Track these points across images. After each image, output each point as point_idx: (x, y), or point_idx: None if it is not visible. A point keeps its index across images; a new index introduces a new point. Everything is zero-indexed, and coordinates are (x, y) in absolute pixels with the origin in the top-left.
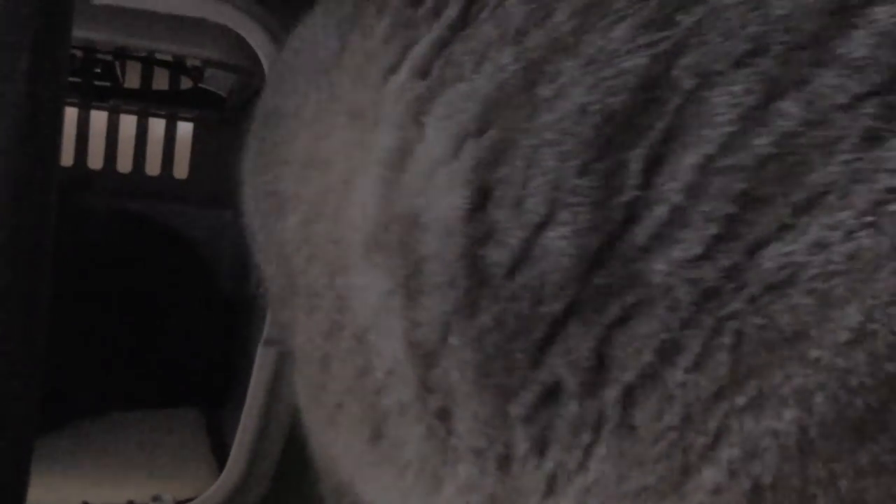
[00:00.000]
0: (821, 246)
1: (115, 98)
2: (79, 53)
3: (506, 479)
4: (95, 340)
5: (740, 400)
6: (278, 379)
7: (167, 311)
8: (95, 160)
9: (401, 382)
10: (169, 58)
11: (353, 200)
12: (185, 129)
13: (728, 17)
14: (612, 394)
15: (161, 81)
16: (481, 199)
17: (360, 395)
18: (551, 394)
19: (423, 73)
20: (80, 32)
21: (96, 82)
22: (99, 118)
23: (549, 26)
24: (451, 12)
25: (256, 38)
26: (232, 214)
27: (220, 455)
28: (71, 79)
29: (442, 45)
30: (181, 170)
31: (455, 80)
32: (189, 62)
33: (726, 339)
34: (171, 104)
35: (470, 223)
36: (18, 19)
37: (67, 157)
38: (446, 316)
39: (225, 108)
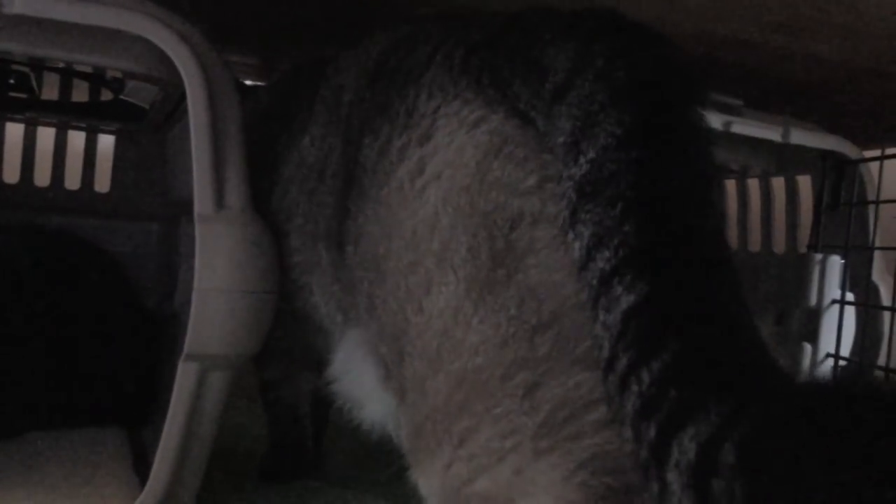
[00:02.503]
0: None
1: (32, 110)
2: None
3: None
4: (13, 360)
5: None
6: (200, 394)
7: (89, 328)
8: (11, 174)
9: None
10: (88, 69)
11: None
12: (106, 141)
13: None
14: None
15: (81, 93)
16: None
17: None
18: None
19: None
20: None
21: (11, 94)
22: (15, 131)
23: None
24: None
25: (176, 51)
26: (157, 228)
27: (142, 473)
28: None
29: None
30: (103, 183)
31: None
32: (109, 74)
33: None
34: (92, 116)
35: None
36: None
37: None
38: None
39: (147, 120)
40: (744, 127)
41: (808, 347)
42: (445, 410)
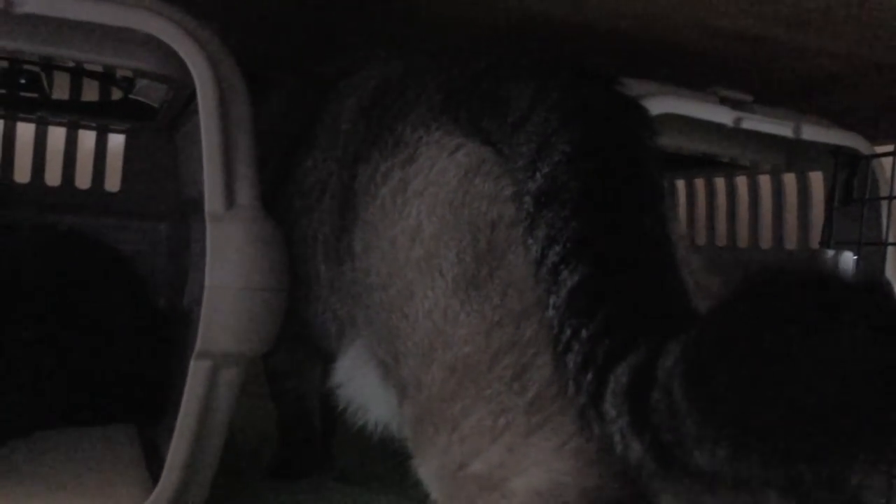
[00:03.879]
0: None
1: (43, 109)
2: (3, 64)
3: None
4: (25, 359)
5: None
6: (212, 391)
7: (100, 326)
8: (22, 173)
9: None
10: (99, 68)
11: None
12: (116, 140)
13: None
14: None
15: (91, 93)
16: None
17: None
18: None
19: None
20: (3, 42)
21: (22, 93)
22: (26, 130)
23: None
24: None
25: (186, 49)
26: (168, 226)
27: (154, 471)
28: None
29: None
30: (113, 182)
31: None
32: (119, 73)
33: None
34: (102, 116)
35: None
36: None
37: None
38: None
39: (157, 120)
40: (754, 123)
41: None
42: (440, 397)
